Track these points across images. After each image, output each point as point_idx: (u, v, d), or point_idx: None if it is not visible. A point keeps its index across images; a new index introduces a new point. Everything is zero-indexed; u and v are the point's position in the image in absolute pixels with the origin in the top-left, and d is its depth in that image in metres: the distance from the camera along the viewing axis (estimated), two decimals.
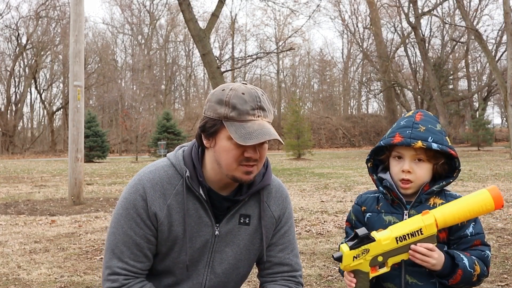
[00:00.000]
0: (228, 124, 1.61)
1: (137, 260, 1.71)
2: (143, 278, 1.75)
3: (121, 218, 1.72)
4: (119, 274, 1.69)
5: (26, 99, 46.05)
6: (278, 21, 50.11)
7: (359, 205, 1.90)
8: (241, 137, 1.58)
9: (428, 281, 1.72)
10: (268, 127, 1.63)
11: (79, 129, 8.95)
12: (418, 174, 1.75)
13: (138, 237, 1.70)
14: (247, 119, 1.61)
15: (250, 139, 1.57)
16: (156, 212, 1.70)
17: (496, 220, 6.54)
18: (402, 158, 1.77)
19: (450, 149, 1.74)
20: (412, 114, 1.81)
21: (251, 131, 1.59)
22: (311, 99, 56.26)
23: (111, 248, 1.71)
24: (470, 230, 1.75)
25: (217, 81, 15.66)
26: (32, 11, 44.31)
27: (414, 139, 1.71)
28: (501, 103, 42.71)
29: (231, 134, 1.59)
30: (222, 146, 1.64)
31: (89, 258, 4.90)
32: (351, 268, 1.67)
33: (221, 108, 1.62)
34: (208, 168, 1.72)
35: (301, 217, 7.05)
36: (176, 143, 27.81)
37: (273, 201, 1.86)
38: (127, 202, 1.72)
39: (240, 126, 1.60)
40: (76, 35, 9.03)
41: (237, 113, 1.60)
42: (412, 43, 40.86)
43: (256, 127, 1.60)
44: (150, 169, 1.77)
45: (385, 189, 1.82)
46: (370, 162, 1.90)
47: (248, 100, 1.62)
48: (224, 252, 1.80)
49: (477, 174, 13.73)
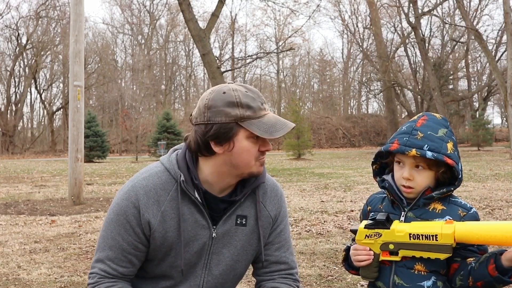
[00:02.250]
0: (247, 123, 1.62)
1: (120, 265, 1.73)
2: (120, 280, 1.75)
3: (111, 223, 1.73)
4: (98, 274, 1.73)
5: (26, 99, 46.11)
6: (278, 21, 50.20)
7: (367, 205, 1.93)
8: (266, 131, 1.62)
9: (415, 284, 1.71)
10: (277, 117, 1.68)
11: (79, 129, 8.94)
12: (418, 181, 1.74)
13: (125, 243, 1.71)
14: (262, 114, 1.65)
15: (277, 131, 1.63)
16: (149, 220, 1.69)
17: (496, 220, 6.54)
18: (403, 165, 1.77)
19: (448, 157, 1.69)
20: (416, 119, 1.79)
21: (272, 124, 1.64)
22: (311, 99, 56.30)
23: (99, 251, 1.75)
24: None
25: (217, 81, 15.66)
26: (32, 11, 44.37)
27: (409, 146, 1.70)
28: (501, 103, 42.71)
29: (254, 132, 1.61)
30: (241, 147, 1.65)
31: (89, 258, 4.90)
32: (362, 244, 1.74)
33: (234, 110, 1.61)
34: (208, 172, 1.71)
35: (301, 217, 7.04)
36: (176, 143, 27.81)
37: (269, 201, 1.87)
38: (119, 208, 1.72)
39: (260, 122, 1.63)
40: (76, 35, 9.03)
41: (253, 111, 1.63)
42: (412, 43, 40.87)
43: (273, 119, 1.66)
44: (143, 175, 1.75)
45: (385, 189, 1.83)
46: (375, 164, 1.90)
47: (255, 96, 1.66)
48: (221, 253, 1.80)
49: (477, 174, 13.73)
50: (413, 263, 1.72)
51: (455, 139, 1.78)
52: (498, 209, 7.37)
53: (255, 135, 1.63)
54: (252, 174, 1.72)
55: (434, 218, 1.73)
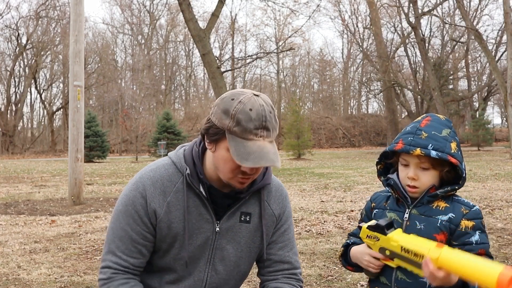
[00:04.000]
0: (230, 137, 1.60)
1: (131, 256, 1.75)
2: (132, 274, 1.77)
3: (120, 214, 1.76)
4: (110, 267, 1.74)
5: (26, 99, 46.11)
6: (278, 21, 50.19)
7: (371, 201, 1.94)
8: (239, 155, 1.57)
9: (417, 279, 1.72)
10: (267, 150, 1.60)
11: (79, 129, 8.94)
12: (423, 181, 1.76)
13: (134, 233, 1.74)
14: (248, 138, 1.59)
15: (247, 161, 1.56)
16: (155, 209, 1.73)
17: (496, 220, 6.54)
18: (408, 165, 1.78)
19: (452, 156, 1.71)
20: (420, 119, 1.81)
21: (250, 152, 1.57)
22: (311, 99, 56.31)
23: (108, 243, 1.77)
24: (476, 238, 1.73)
25: (217, 81, 15.67)
26: (32, 11, 44.37)
27: (413, 146, 1.72)
28: (501, 103, 42.74)
29: (230, 149, 1.59)
30: (221, 155, 1.65)
31: (89, 258, 4.90)
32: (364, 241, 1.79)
33: (226, 119, 1.60)
34: (209, 167, 1.75)
35: (301, 217, 7.05)
36: (176, 143, 27.83)
37: (273, 200, 1.89)
38: (127, 198, 1.76)
39: (241, 144, 1.58)
40: (76, 35, 9.03)
41: (240, 129, 1.58)
42: (412, 43, 40.87)
43: (256, 148, 1.58)
44: (151, 167, 1.80)
45: (390, 187, 1.85)
46: (380, 165, 1.92)
47: (254, 118, 1.58)
48: (225, 249, 1.82)
49: (477, 174, 13.74)
50: None
51: (458, 140, 1.80)
52: (498, 209, 7.37)
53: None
54: (229, 185, 1.72)
55: (438, 215, 1.75)
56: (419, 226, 1.76)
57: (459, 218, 1.74)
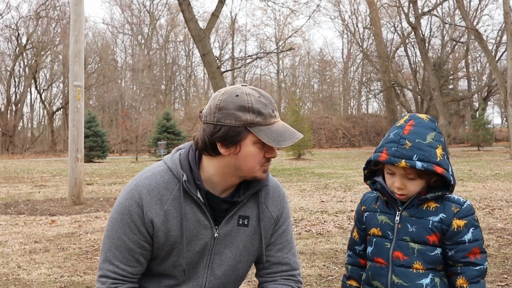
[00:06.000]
0: (255, 129, 1.62)
1: (128, 264, 1.73)
2: (131, 283, 1.76)
3: (116, 222, 1.74)
4: (109, 277, 1.73)
5: (26, 99, 46.10)
6: (278, 21, 50.21)
7: (361, 204, 1.93)
8: (273, 140, 1.62)
9: (414, 282, 1.72)
10: (287, 125, 1.68)
11: (79, 129, 8.94)
12: (410, 189, 1.74)
13: (131, 242, 1.72)
14: (271, 122, 1.65)
15: (284, 141, 1.63)
16: (152, 219, 1.70)
17: (496, 220, 6.54)
18: (393, 174, 1.75)
19: (438, 165, 1.67)
20: (403, 124, 1.75)
21: (280, 133, 1.64)
22: (311, 99, 56.27)
23: (105, 251, 1.75)
24: (468, 237, 1.71)
25: (217, 81, 15.66)
26: (32, 11, 44.37)
27: (398, 158, 1.68)
28: (501, 103, 42.72)
29: (262, 139, 1.62)
30: (247, 151, 1.66)
31: (89, 258, 4.90)
32: None
33: (245, 114, 1.61)
34: (212, 172, 1.71)
35: (301, 217, 7.04)
36: (176, 143, 27.83)
37: (271, 202, 1.87)
38: (123, 207, 1.72)
39: (268, 130, 1.63)
40: (76, 35, 9.03)
41: (263, 117, 1.63)
42: (412, 43, 40.87)
43: (282, 128, 1.66)
44: (146, 174, 1.76)
45: (377, 191, 1.84)
46: (367, 170, 1.89)
47: (267, 103, 1.65)
48: (224, 254, 1.80)
49: (477, 174, 13.73)
50: (412, 261, 1.73)
51: (444, 141, 1.75)
52: (498, 209, 7.36)
53: (262, 141, 1.64)
54: (255, 179, 1.74)
55: (428, 216, 1.74)
56: (411, 229, 1.74)
57: (450, 218, 1.72)
